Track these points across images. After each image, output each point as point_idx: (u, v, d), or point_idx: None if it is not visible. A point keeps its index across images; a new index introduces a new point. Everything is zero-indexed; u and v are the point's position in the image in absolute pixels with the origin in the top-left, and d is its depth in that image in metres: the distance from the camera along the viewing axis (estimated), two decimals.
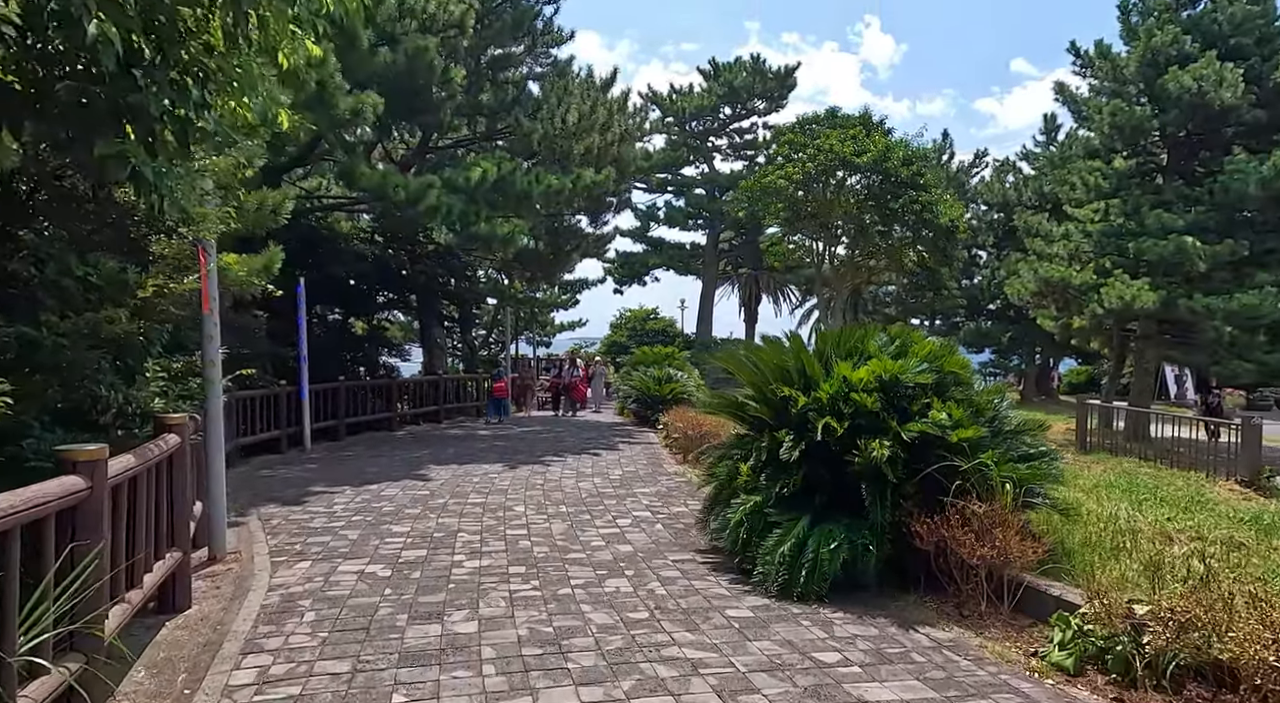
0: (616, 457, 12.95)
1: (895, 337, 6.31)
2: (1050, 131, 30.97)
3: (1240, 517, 7.86)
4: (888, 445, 5.28)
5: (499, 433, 16.71)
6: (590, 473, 11.06)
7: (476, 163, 14.86)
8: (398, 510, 8.17)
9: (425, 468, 11.38)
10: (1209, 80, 13.19)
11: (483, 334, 35.10)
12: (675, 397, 18.39)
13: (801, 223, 26.06)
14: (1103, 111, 14.44)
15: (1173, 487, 10.09)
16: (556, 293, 35.61)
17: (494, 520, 7.71)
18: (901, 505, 5.39)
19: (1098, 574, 5.45)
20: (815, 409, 5.79)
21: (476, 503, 8.63)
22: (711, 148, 39.36)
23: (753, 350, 6.65)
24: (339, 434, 15.23)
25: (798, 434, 5.79)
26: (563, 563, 6.15)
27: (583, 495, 9.22)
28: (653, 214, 40.15)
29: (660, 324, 41.66)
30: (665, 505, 8.67)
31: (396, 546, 6.65)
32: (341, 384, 15.43)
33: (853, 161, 23.58)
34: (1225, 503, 9.26)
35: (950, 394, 5.86)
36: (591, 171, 16.54)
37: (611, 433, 16.95)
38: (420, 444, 14.73)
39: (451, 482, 10.12)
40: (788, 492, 5.68)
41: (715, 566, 6.10)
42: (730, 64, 36.70)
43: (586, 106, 16.93)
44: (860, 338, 6.21)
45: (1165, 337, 15.81)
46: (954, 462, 5.36)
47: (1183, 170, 15.75)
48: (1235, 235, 13.83)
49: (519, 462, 12.10)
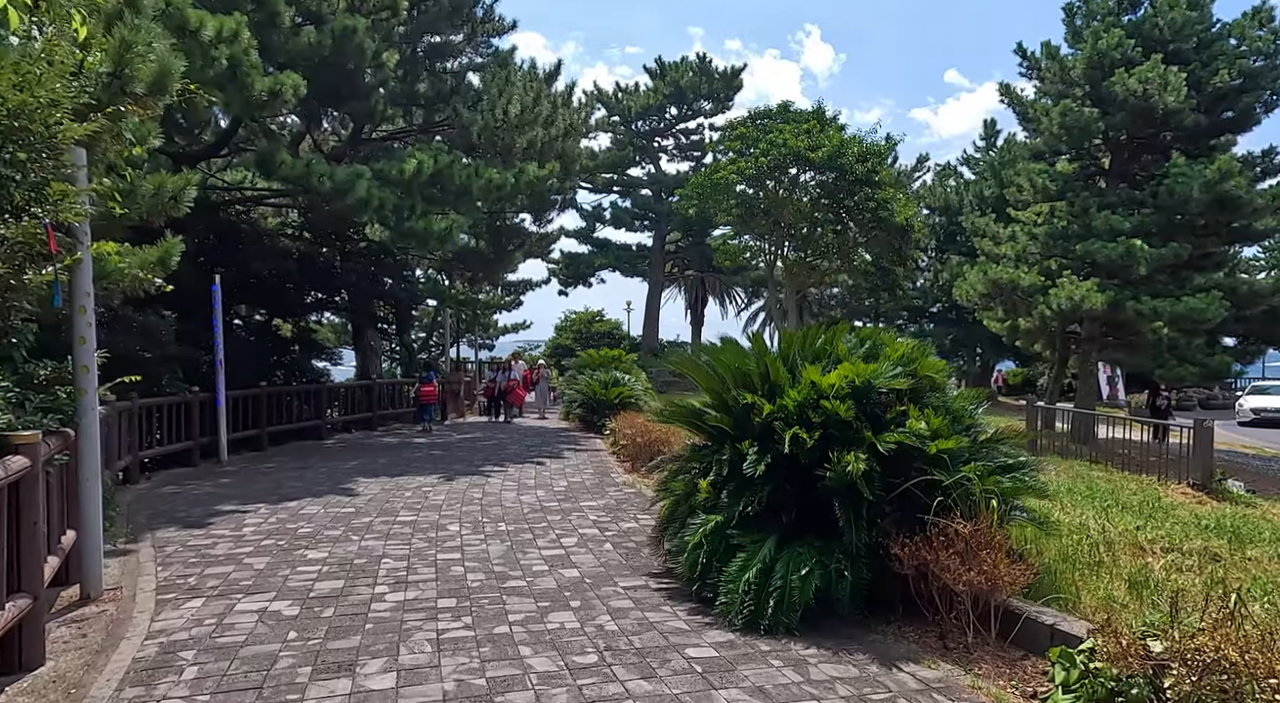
0: (561, 466, 12.26)
1: (865, 338, 5.81)
2: (990, 137, 31.48)
3: (1205, 524, 7.64)
4: (863, 459, 4.76)
5: (436, 441, 15.81)
6: (533, 485, 10.35)
7: (412, 154, 13.99)
8: (316, 532, 7.33)
9: (353, 481, 10.49)
10: (1154, 83, 13.27)
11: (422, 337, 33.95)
12: (623, 401, 17.76)
13: (753, 221, 25.53)
14: (1051, 113, 14.43)
15: (1128, 491, 9.94)
16: (499, 294, 34.72)
17: (424, 542, 6.95)
18: (878, 525, 4.87)
19: (1083, 595, 5.06)
20: (781, 418, 5.24)
21: (406, 522, 7.85)
22: (658, 148, 38.96)
23: (710, 353, 6.06)
24: (262, 444, 14.14)
25: (762, 446, 5.23)
26: (500, 594, 5.45)
27: (524, 511, 8.52)
28: (598, 214, 39.53)
29: (606, 326, 41.05)
30: (614, 521, 8.03)
31: (310, 576, 5.85)
32: (264, 390, 14.34)
33: (807, 157, 23.15)
34: (1182, 508, 9.11)
35: (926, 401, 5.38)
36: (535, 166, 15.83)
37: (556, 440, 16.23)
38: (351, 454, 13.76)
39: (380, 497, 9.28)
40: (752, 510, 5.10)
41: (671, 593, 5.49)
42: (677, 64, 36.35)
43: (529, 98, 16.20)
44: (828, 339, 5.69)
45: (1108, 339, 15.91)
46: (934, 476, 4.86)
47: (1124, 174, 15.89)
48: (1176, 239, 13.94)
49: (456, 473, 11.31)
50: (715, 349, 6.14)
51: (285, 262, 14.66)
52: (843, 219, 23.70)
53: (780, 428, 5.15)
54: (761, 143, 22.93)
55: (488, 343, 40.04)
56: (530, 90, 16.71)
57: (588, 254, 40.19)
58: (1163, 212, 13.95)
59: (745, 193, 23.92)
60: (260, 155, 11.41)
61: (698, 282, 43.90)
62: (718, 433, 5.74)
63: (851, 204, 22.90)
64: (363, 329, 18.70)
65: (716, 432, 5.75)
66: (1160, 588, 5.29)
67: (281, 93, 9.96)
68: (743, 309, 48.07)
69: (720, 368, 5.94)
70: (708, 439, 6.03)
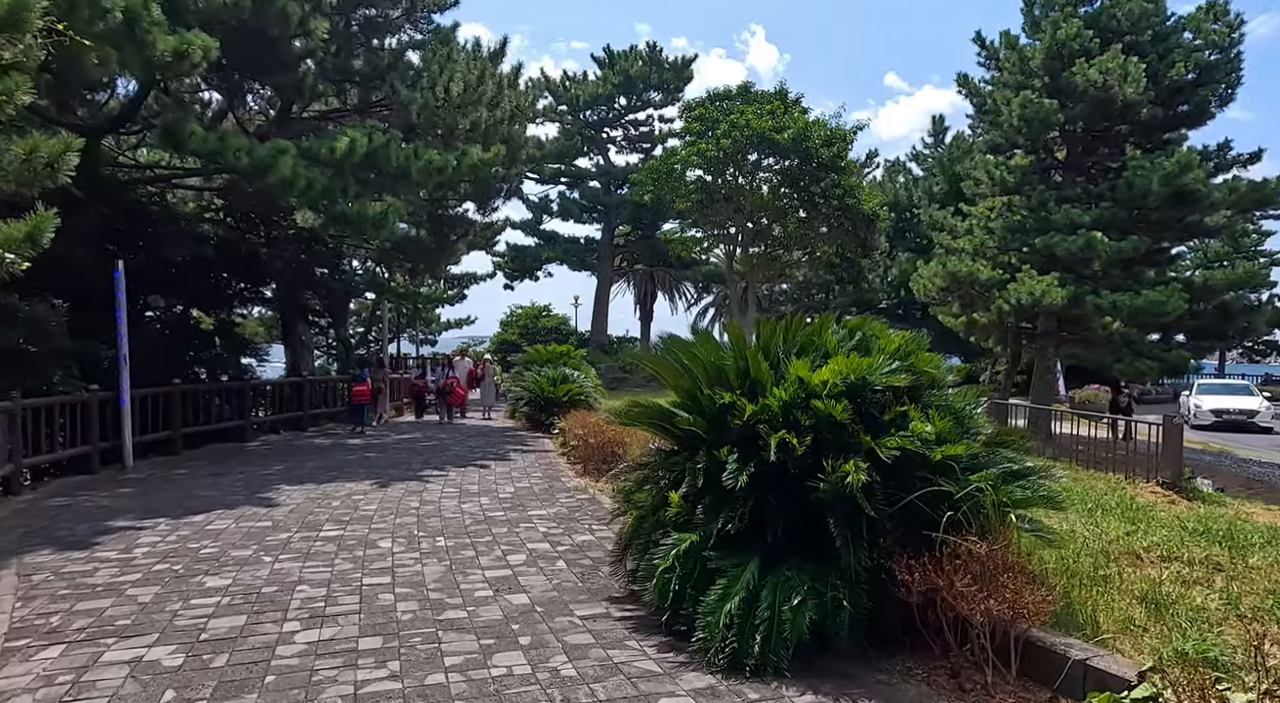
0: (507, 469, 11.39)
1: (854, 329, 5.15)
2: (939, 133, 31.57)
3: (1192, 527, 7.25)
4: (864, 468, 4.08)
5: (372, 443, 14.74)
6: (476, 491, 9.47)
7: (344, 132, 12.88)
8: (222, 553, 6.34)
9: (274, 489, 9.45)
10: (1114, 74, 13.10)
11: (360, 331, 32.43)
12: (572, 399, 16.94)
13: (713, 208, 24.57)
14: (1011, 104, 14.16)
15: (1098, 491, 9.60)
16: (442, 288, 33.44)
17: (349, 563, 6.05)
18: (880, 544, 4.21)
19: (1100, 617, 4.50)
20: (766, 421, 4.54)
21: (331, 537, 6.91)
22: (606, 139, 38.10)
23: (679, 347, 5.33)
24: (175, 448, 12.88)
25: (743, 453, 4.52)
26: (436, 629, 4.62)
27: (466, 522, 7.66)
28: (545, 206, 38.49)
29: (553, 322, 40.04)
30: (567, 533, 7.23)
31: (205, 610, 4.91)
32: (178, 388, 13.04)
33: (772, 139, 22.16)
34: (1159, 508, 8.78)
35: (927, 400, 4.75)
36: (479, 149, 14.86)
37: (502, 440, 15.32)
38: (275, 457, 12.62)
39: (304, 507, 8.30)
40: (733, 528, 4.39)
41: (637, 623, 4.74)
42: (626, 53, 35.54)
43: (473, 77, 15.22)
44: (814, 330, 5.01)
45: (1063, 334, 15.79)
46: (942, 486, 4.23)
47: (1079, 168, 15.77)
48: (1132, 233, 13.81)
49: (392, 478, 10.34)
50: (686, 342, 5.40)
51: (203, 248, 13.35)
52: (807, 207, 22.95)
53: (765, 432, 4.45)
54: (723, 124, 22.06)
55: (430, 338, 38.65)
56: (474, 68, 15.72)
57: (534, 247, 39.08)
58: (1121, 205, 13.82)
59: (704, 179, 23.00)
60: (168, 126, 10.20)
61: (647, 276, 43.21)
62: (690, 438, 5.01)
63: (817, 190, 22.19)
64: (293, 323, 17.40)
65: (689, 436, 5.02)
66: (1176, 606, 4.80)
67: (189, 54, 8.82)
68: (692, 304, 47.60)
69: (692, 364, 5.21)
70: (677, 444, 5.29)
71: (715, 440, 4.81)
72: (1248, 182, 13.87)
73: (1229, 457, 14.91)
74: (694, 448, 4.94)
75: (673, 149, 23.72)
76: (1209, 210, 13.81)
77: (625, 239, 40.02)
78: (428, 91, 14.69)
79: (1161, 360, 13.67)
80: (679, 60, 35.49)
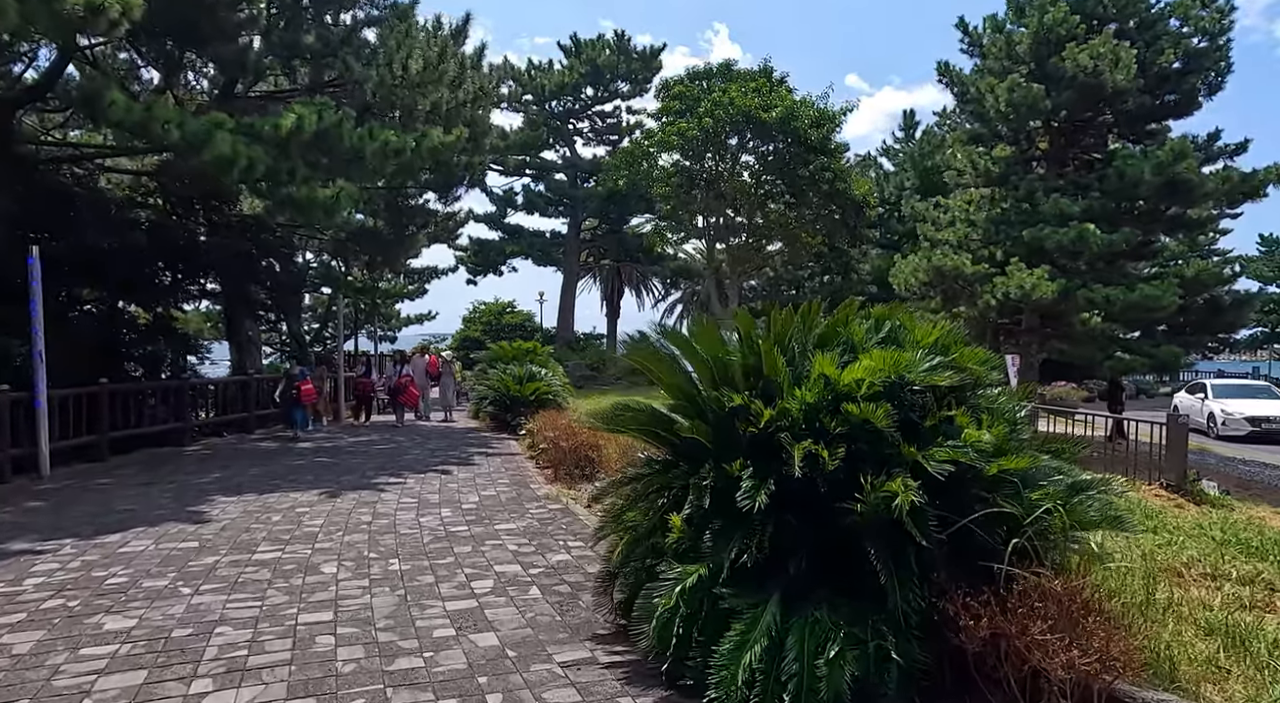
0: (471, 474, 10.50)
1: (880, 318, 4.40)
2: (909, 128, 31.27)
3: (1225, 539, 6.70)
4: (912, 487, 3.34)
5: (323, 445, 13.70)
6: (437, 501, 8.58)
7: (291, 108, 11.83)
8: (132, 583, 5.39)
9: (208, 501, 8.45)
10: (1105, 59, 12.66)
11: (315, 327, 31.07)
12: (539, 398, 16.08)
13: (691, 195, 23.32)
14: (997, 90, 13.66)
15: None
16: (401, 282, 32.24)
17: (284, 595, 5.14)
18: (931, 579, 3.47)
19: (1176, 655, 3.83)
20: (786, 428, 3.77)
21: (266, 561, 5.99)
22: (573, 131, 37.16)
23: (676, 340, 4.54)
24: (101, 453, 11.73)
25: (759, 467, 3.75)
26: (384, 684, 3.77)
27: (425, 539, 6.77)
28: (510, 199, 37.41)
29: (518, 318, 38.96)
30: (540, 551, 6.40)
31: (95, 664, 3.98)
32: (105, 388, 11.88)
33: (759, 117, 20.78)
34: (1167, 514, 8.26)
35: (973, 402, 4.02)
36: (440, 131, 13.88)
37: (465, 442, 14.39)
38: (215, 463, 11.55)
39: (239, 523, 7.33)
40: (750, 560, 3.61)
41: (630, 672, 3.94)
42: (593, 41, 34.63)
43: (434, 54, 14.22)
44: (837, 320, 4.25)
45: (1046, 330, 15.39)
46: (1003, 506, 3.50)
47: (1061, 158, 15.37)
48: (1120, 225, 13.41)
49: (343, 487, 9.39)
50: (682, 335, 4.62)
51: (133, 234, 12.15)
52: (794, 192, 21.96)
53: (786, 442, 3.68)
54: (705, 102, 21.02)
55: (389, 335, 37.30)
56: (434, 46, 14.72)
57: (498, 241, 37.99)
58: (1109, 196, 13.41)
59: (682, 164, 21.91)
60: (84, 94, 9.07)
61: (614, 271, 42.38)
62: (691, 448, 4.21)
63: (806, 174, 21.26)
64: (238, 317, 16.20)
65: (690, 446, 4.22)
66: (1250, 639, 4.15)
67: (106, 10, 7.75)
68: (660, 300, 46.94)
69: (690, 360, 4.43)
70: (674, 455, 4.50)
71: (723, 451, 4.03)
72: (1239, 172, 13.59)
73: (1211, 454, 14.62)
74: (697, 460, 4.15)
75: (649, 131, 22.48)
76: (1200, 201, 13.51)
77: (592, 233, 39.16)
78: (384, 69, 13.67)
79: (1151, 356, 13.32)
80: (648, 50, 34.71)
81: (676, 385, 4.47)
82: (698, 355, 4.44)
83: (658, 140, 21.52)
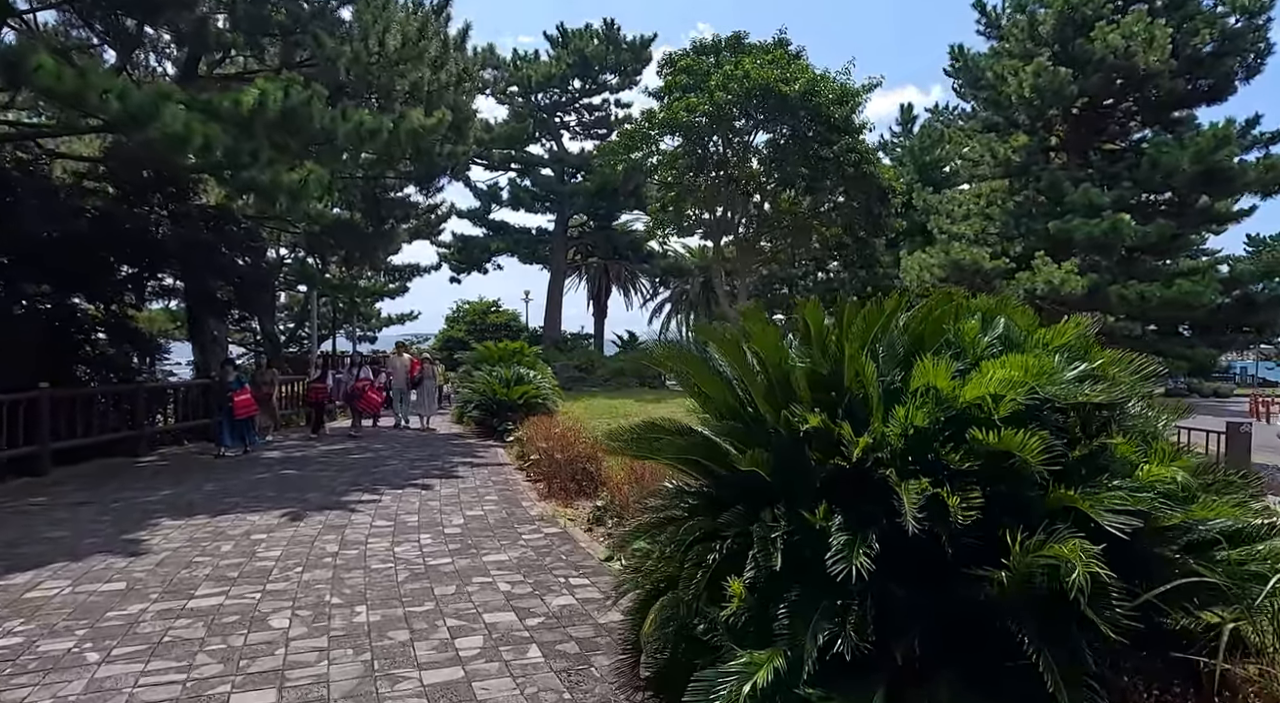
0: (454, 490, 9.43)
1: (988, 314, 3.40)
2: (907, 122, 30.49)
3: None
4: (1092, 552, 2.33)
5: (292, 455, 12.58)
6: (415, 523, 7.51)
7: (255, 84, 10.71)
8: (26, 645, 4.30)
9: (150, 525, 7.34)
10: (1138, 39, 11.80)
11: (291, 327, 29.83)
12: (528, 402, 15.05)
13: (699, 180, 21.80)
14: (1022, 73, 12.75)
15: None
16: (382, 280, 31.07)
17: (217, 663, 4.07)
18: (1107, 677, 2.47)
19: None
20: (886, 460, 2.76)
21: (203, 609, 4.91)
22: (560, 124, 36.07)
23: (718, 341, 3.52)
24: (41, 466, 10.56)
25: (847, 514, 2.73)
26: None
27: (400, 576, 5.71)
28: (495, 194, 36.28)
29: (503, 317, 37.80)
30: (538, 592, 5.36)
31: None
32: (45, 393, 10.69)
33: (778, 91, 18.40)
34: None
35: (1127, 425, 3.04)
36: (420, 113, 12.79)
37: (448, 451, 13.31)
38: (168, 477, 10.42)
39: (182, 555, 6.24)
40: (846, 650, 2.59)
41: None
42: (581, 31, 33.54)
43: (413, 29, 13.12)
44: (941, 316, 3.23)
45: None
46: (1203, 574, 2.51)
47: (1080, 148, 14.50)
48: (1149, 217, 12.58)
49: (308, 506, 8.30)
50: (725, 334, 3.59)
51: (77, 222, 10.95)
52: (814, 177, 20.40)
53: (893, 482, 2.67)
54: (716, 76, 19.52)
55: (369, 335, 36.06)
56: (414, 22, 13.62)
57: (483, 237, 36.81)
58: (1140, 186, 12.57)
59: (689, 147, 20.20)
60: (6, 58, 7.90)
61: (601, 270, 41.33)
62: (749, 484, 3.19)
63: (829, 156, 19.81)
64: (201, 315, 14.99)
65: (747, 483, 3.20)
66: None
67: None
68: (648, 299, 45.97)
69: (738, 367, 3.41)
70: (718, 489, 3.48)
71: (791, 490, 3.02)
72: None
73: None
74: (754, 501, 3.13)
75: (650, 112, 20.90)
76: (1238, 191, 12.71)
77: (580, 230, 38.08)
78: (359, 44, 12.55)
79: (1187, 358, 12.50)
80: (638, 40, 33.66)
81: (724, 401, 3.45)
82: (742, 361, 3.42)
83: (662, 119, 19.85)
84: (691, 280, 40.78)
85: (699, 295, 43.08)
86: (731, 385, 3.59)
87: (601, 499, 7.78)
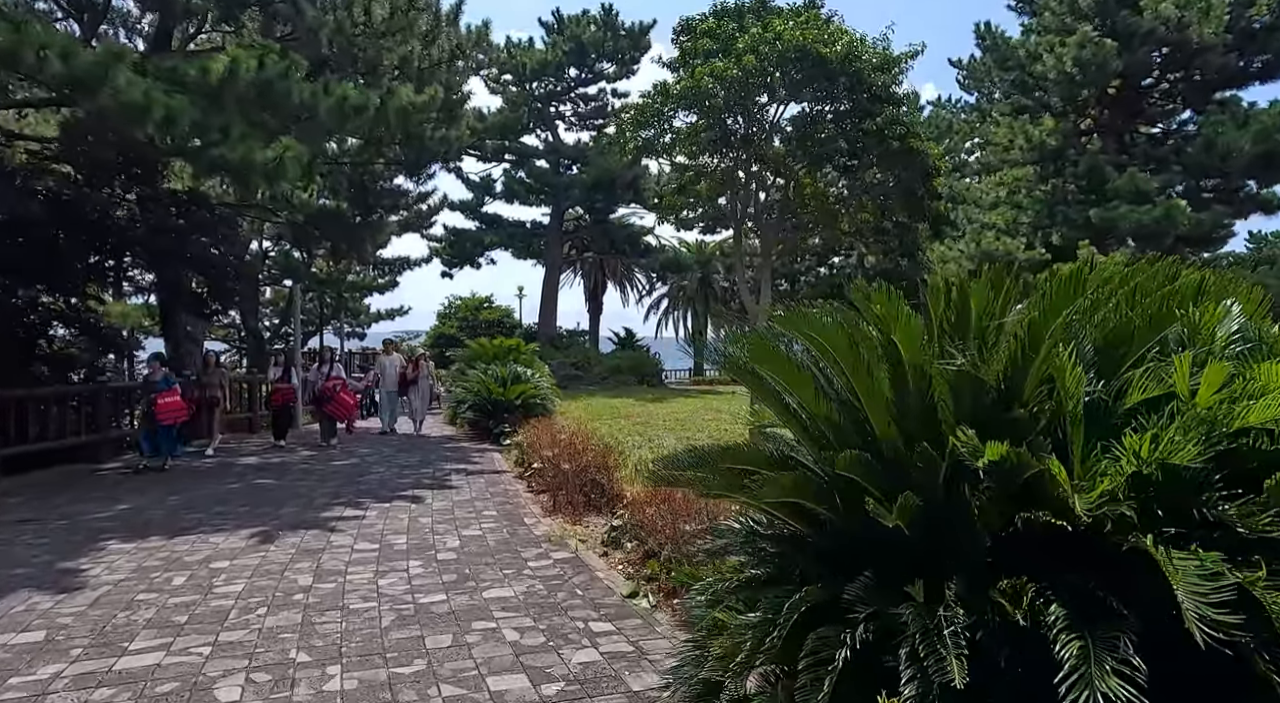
0: (448, 504, 8.42)
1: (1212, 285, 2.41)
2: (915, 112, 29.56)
3: None
4: None
5: (268, 461, 11.54)
6: (404, 547, 6.51)
7: (226, 52, 9.67)
8: None
9: (93, 550, 6.32)
10: (1193, 8, 10.90)
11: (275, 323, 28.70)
12: (526, 403, 14.07)
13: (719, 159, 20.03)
14: (1065, 46, 11.81)
15: None
16: (371, 274, 29.98)
17: None
18: None
19: None
20: (1116, 518, 1.78)
21: (134, 671, 3.90)
22: (555, 114, 34.99)
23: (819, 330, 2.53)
24: None
25: (1069, 603, 1.76)
26: None
27: (385, 621, 4.71)
28: (488, 186, 35.15)
29: (496, 313, 36.74)
30: (554, 641, 4.36)
31: None
32: None
33: (817, 53, 16.55)
34: None
35: None
36: (410, 89, 11.77)
37: (440, 456, 12.29)
38: (129, 487, 9.39)
39: (125, 589, 5.23)
40: None
41: None
42: (577, 18, 32.46)
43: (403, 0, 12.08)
44: (1164, 296, 2.25)
45: None
46: None
47: (1119, 130, 13.60)
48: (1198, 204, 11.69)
49: (281, 524, 7.28)
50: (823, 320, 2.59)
51: (29, 204, 9.85)
52: (853, 153, 18.96)
53: (1161, 558, 1.69)
54: (742, 39, 18.14)
55: (358, 331, 34.94)
56: None
57: (475, 231, 35.70)
58: (1189, 172, 11.67)
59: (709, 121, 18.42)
60: None
61: (597, 265, 40.31)
62: (881, 539, 2.21)
63: (873, 128, 18.42)
64: (172, 309, 13.90)
65: (876, 537, 2.21)
66: None
67: None
68: (645, 295, 44.99)
69: (853, 371, 2.43)
70: (826, 542, 2.49)
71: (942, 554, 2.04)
72: None
73: None
74: (888, 563, 2.15)
75: (663, 84, 19.39)
76: None
77: (576, 224, 37.03)
78: (343, 13, 11.50)
79: None
80: (636, 26, 32.58)
81: (828, 419, 2.46)
82: (862, 365, 2.42)
83: (681, 90, 18.27)
84: (689, 276, 39.82)
85: (697, 291, 42.16)
86: (846, 402, 2.59)
87: (618, 518, 6.80)
